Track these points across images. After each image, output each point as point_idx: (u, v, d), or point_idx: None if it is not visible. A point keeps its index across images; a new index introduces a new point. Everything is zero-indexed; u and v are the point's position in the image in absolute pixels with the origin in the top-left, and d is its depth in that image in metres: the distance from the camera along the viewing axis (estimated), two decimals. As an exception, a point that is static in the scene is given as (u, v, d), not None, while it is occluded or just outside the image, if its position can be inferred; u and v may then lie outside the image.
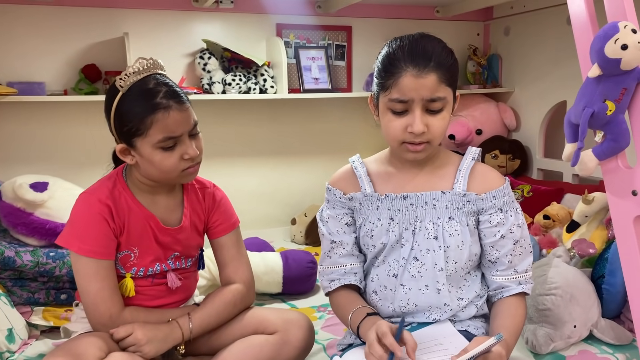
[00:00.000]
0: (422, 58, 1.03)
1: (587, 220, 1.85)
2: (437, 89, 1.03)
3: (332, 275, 1.20)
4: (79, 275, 1.18)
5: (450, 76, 1.06)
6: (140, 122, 1.13)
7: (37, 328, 1.62)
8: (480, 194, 1.12)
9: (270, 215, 2.73)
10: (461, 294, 1.14)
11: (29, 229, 1.69)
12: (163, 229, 1.24)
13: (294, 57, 2.58)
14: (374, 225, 1.15)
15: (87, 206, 1.18)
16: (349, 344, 1.21)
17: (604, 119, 1.14)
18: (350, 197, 1.18)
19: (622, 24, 1.08)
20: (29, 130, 2.26)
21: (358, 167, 1.19)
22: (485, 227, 1.13)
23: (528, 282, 1.16)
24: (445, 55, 1.06)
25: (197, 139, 1.22)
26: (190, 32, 2.43)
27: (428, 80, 1.02)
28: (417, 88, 1.03)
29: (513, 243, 1.13)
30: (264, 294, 1.95)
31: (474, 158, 1.16)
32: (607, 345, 1.50)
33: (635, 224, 1.17)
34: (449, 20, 2.85)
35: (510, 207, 1.14)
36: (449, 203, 1.12)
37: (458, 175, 1.14)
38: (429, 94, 1.03)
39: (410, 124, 1.05)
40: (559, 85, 2.51)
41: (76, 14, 2.26)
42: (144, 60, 1.16)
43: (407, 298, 1.13)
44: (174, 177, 1.20)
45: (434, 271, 1.12)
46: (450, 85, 1.06)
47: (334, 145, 2.78)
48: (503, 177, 1.17)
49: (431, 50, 1.04)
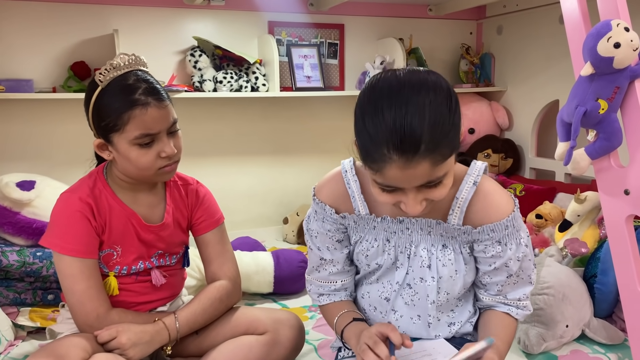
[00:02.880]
0: (408, 144, 0.82)
1: (579, 220, 1.85)
2: (431, 174, 0.86)
3: (321, 290, 1.14)
4: (62, 276, 1.16)
5: (448, 148, 0.86)
6: (117, 117, 1.12)
7: (24, 329, 1.59)
8: (476, 227, 0.99)
9: (262, 215, 2.71)
10: (453, 319, 1.09)
11: (16, 228, 1.67)
12: (145, 227, 1.23)
13: (286, 55, 2.56)
14: (370, 245, 1.06)
15: (67, 205, 1.16)
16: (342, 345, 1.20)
17: (597, 118, 1.14)
18: (343, 216, 1.07)
19: (615, 22, 1.08)
20: (17, 128, 2.23)
21: (351, 184, 1.05)
22: (479, 257, 1.04)
23: (520, 308, 1.06)
24: (438, 124, 0.83)
25: (176, 138, 1.20)
26: (181, 30, 2.40)
27: (419, 170, 0.85)
28: (407, 179, 0.86)
29: (507, 276, 1.03)
30: (255, 294, 1.94)
31: (476, 182, 0.99)
32: (599, 345, 1.50)
33: (627, 223, 1.16)
34: (442, 18, 2.84)
35: (511, 239, 1.00)
36: (443, 231, 1.02)
37: (454, 206, 1.00)
38: (422, 182, 0.87)
39: (404, 202, 0.90)
40: (551, 84, 2.51)
41: (65, 10, 2.23)
42: (125, 56, 1.15)
43: (398, 325, 1.08)
44: (150, 175, 1.18)
45: (425, 302, 1.06)
46: (449, 156, 0.87)
47: (326, 144, 2.77)
48: (510, 205, 1.00)
49: (419, 126, 0.82)
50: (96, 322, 1.15)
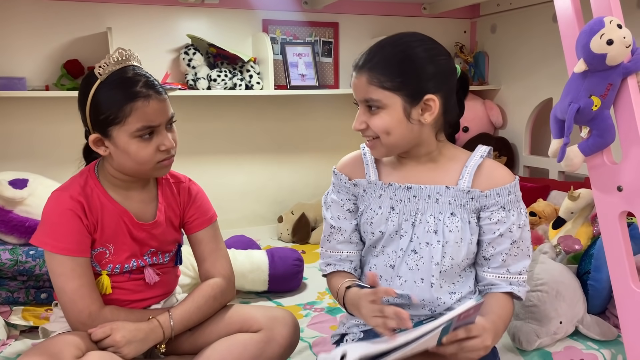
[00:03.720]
0: (361, 59, 1.09)
1: (573, 217, 1.86)
2: (366, 91, 1.07)
3: (329, 260, 1.22)
4: (54, 275, 1.15)
5: (387, 79, 1.06)
6: (119, 110, 1.12)
7: (17, 328, 1.58)
8: (484, 191, 1.11)
9: (256, 213, 2.71)
10: (454, 289, 1.14)
11: (8, 226, 1.65)
12: (137, 225, 1.22)
13: (280, 53, 2.56)
14: (375, 213, 1.15)
15: (58, 203, 1.16)
16: (343, 334, 1.22)
17: (590, 115, 1.14)
18: (355, 183, 1.19)
19: (608, 19, 1.08)
20: (9, 126, 2.22)
21: (367, 153, 1.20)
22: (485, 224, 1.12)
23: (521, 284, 1.13)
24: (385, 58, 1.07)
25: (173, 131, 1.21)
26: (174, 28, 2.39)
27: (359, 82, 1.08)
28: (356, 89, 1.10)
29: (510, 242, 1.11)
30: (250, 292, 1.94)
31: (483, 156, 1.15)
32: (593, 341, 1.51)
33: (621, 220, 1.17)
34: (436, 17, 2.85)
35: (514, 206, 1.12)
36: (452, 199, 1.11)
37: (464, 172, 1.13)
38: (362, 95, 1.09)
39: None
40: (545, 83, 2.52)
41: (58, 7, 2.22)
42: (123, 51, 1.16)
43: (402, 290, 1.13)
44: (148, 169, 1.18)
45: (430, 264, 1.11)
46: (389, 89, 1.06)
47: (320, 142, 2.77)
48: (512, 175, 1.15)
49: (379, 51, 1.08)
50: (89, 320, 1.15)
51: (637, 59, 1.11)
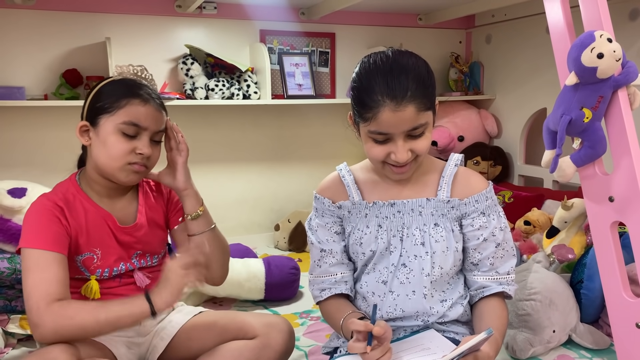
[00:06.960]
0: (398, 89, 1.01)
1: (566, 226, 1.87)
2: (416, 119, 1.03)
3: (323, 285, 1.20)
4: (22, 271, 1.11)
5: (428, 99, 1.05)
6: (115, 100, 1.17)
7: (14, 336, 1.59)
8: (463, 199, 1.14)
9: (253, 222, 2.72)
10: (444, 297, 1.16)
11: (7, 235, 1.66)
12: (120, 229, 1.24)
13: (277, 63, 2.58)
14: (363, 233, 1.16)
15: (36, 206, 1.17)
16: (335, 348, 1.22)
17: (581, 126, 1.16)
18: (339, 206, 1.19)
19: (598, 33, 1.10)
20: (8, 136, 2.23)
21: (345, 175, 1.20)
22: (468, 231, 1.14)
23: (510, 284, 1.16)
24: (420, 79, 1.03)
25: (157, 148, 1.24)
26: (173, 38, 2.42)
27: (407, 113, 1.02)
28: (396, 123, 1.02)
29: (495, 246, 1.14)
30: (246, 301, 1.94)
31: (457, 164, 1.18)
32: (586, 350, 1.52)
33: (612, 229, 1.19)
34: (432, 27, 2.88)
35: (492, 210, 1.15)
36: (434, 210, 1.14)
37: (442, 182, 1.16)
38: (409, 126, 1.03)
39: (394, 152, 1.06)
40: (539, 93, 2.55)
41: (57, 17, 2.24)
42: (146, 71, 1.27)
43: (395, 304, 1.14)
44: (118, 168, 1.18)
45: (420, 276, 1.13)
46: (429, 108, 1.05)
47: (317, 151, 2.79)
48: (486, 181, 1.18)
49: (406, 78, 1.02)
50: (35, 318, 1.05)
51: (627, 72, 1.13)
